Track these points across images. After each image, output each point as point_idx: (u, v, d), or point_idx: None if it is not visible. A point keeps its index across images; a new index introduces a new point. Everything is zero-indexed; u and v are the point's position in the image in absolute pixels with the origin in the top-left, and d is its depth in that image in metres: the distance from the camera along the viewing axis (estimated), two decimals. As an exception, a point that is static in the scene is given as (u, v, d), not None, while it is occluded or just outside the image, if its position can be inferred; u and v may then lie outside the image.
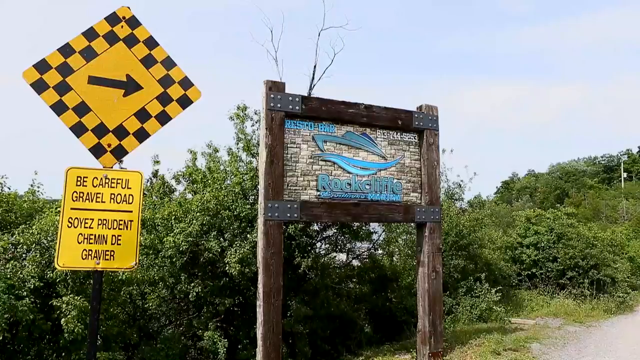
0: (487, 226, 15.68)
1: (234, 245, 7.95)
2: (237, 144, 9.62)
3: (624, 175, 74.57)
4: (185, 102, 4.68)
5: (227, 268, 7.78)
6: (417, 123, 7.33)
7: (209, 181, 8.78)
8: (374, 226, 10.87)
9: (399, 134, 7.31)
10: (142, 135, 4.48)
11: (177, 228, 7.97)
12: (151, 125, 4.53)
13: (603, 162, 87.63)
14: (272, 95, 6.28)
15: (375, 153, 7.04)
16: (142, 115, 4.49)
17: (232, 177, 8.94)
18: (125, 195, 4.25)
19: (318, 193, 6.53)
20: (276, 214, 6.09)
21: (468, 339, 8.33)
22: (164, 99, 4.60)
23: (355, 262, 11.28)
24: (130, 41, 4.55)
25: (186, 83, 4.71)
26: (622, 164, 78.64)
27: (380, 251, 11.83)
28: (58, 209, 6.95)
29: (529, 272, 17.25)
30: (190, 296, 8.03)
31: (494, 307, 11.55)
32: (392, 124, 7.17)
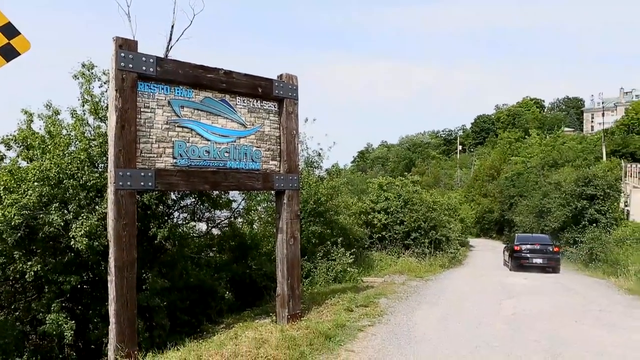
0: (344, 193, 16.65)
1: (81, 218, 7.28)
2: (83, 105, 8.69)
3: (460, 147, 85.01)
4: (9, 53, 4.04)
5: (72, 242, 7.13)
6: (277, 92, 7.36)
7: (49, 147, 7.83)
8: (234, 194, 10.81)
9: (259, 102, 7.28)
10: (-46, 91, 3.78)
11: (8, 199, 7.02)
12: (-34, 79, 3.84)
13: (444, 135, 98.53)
14: (122, 54, 5.75)
15: (235, 120, 6.93)
16: (-47, 66, 3.79)
17: (78, 142, 8.09)
18: None
19: (175, 160, 6.24)
20: (128, 183, 5.69)
21: (324, 299, 8.87)
22: (-18, 49, 3.92)
23: (215, 231, 11.16)
24: None
25: (10, 30, 4.05)
26: (458, 138, 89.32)
27: (240, 219, 11.84)
28: None
29: (380, 235, 18.91)
30: (27, 276, 7.19)
31: (348, 269, 12.49)
32: (252, 91, 7.10)
